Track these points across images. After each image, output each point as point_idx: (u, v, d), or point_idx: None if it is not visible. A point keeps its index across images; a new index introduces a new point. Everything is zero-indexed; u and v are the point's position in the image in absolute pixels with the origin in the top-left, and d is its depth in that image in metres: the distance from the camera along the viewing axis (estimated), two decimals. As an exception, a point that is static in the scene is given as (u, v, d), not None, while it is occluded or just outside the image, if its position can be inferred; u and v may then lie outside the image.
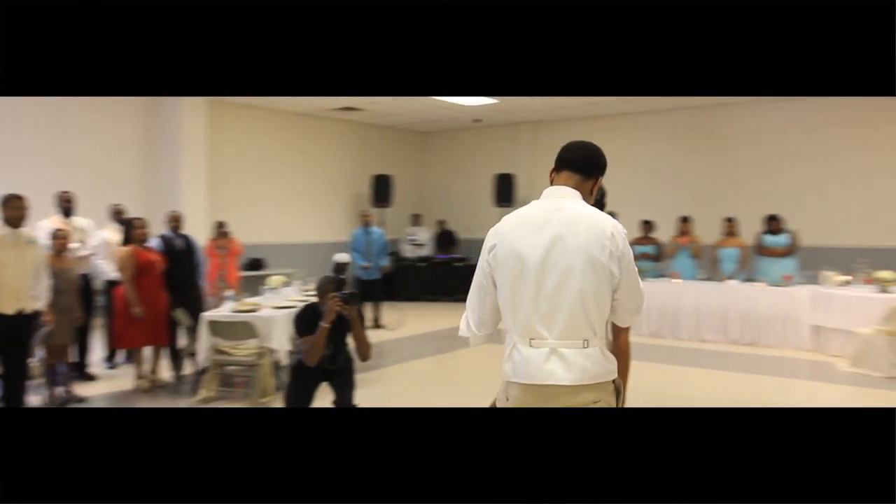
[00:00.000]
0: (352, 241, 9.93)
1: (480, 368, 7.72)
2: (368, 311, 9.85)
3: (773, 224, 9.02)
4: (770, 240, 9.01)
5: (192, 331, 6.48)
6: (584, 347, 2.23)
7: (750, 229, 9.27)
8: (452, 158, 14.35)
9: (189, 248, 6.92)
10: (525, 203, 2.39)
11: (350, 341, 4.35)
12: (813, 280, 8.44)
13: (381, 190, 12.59)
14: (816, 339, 8.13)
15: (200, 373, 6.25)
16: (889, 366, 6.90)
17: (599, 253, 2.21)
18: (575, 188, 2.38)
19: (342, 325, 4.11)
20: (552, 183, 2.45)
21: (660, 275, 9.51)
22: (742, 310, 8.57)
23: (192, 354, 6.48)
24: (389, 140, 13.98)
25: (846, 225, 10.29)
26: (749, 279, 8.98)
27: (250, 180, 11.35)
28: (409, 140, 14.43)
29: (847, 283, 8.23)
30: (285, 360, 6.19)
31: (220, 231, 8.94)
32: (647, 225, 10.22)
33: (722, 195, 11.09)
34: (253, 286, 9.62)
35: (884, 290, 7.71)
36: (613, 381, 2.31)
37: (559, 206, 2.30)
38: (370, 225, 9.95)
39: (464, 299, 2.45)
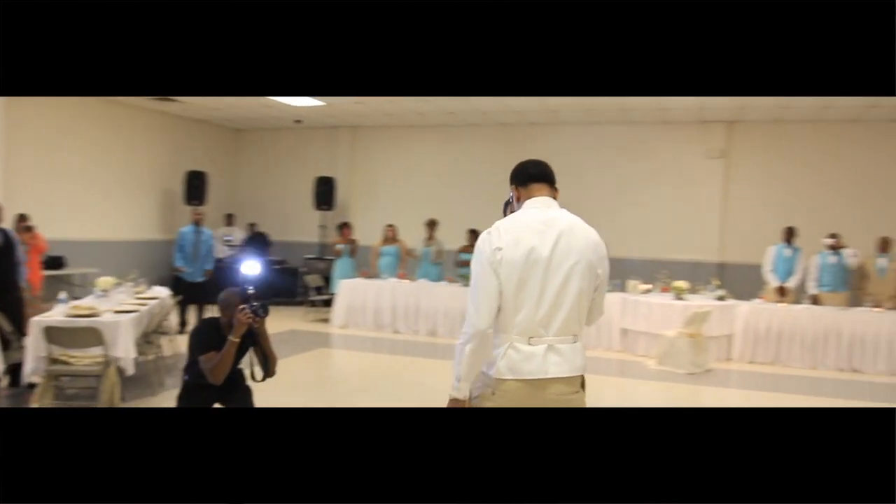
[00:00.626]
0: (178, 240, 9.33)
1: (317, 373, 7.67)
2: (192, 315, 9.33)
3: (585, 236, 9.90)
4: (582, 251, 9.87)
5: (14, 338, 5.75)
6: (574, 342, 2.48)
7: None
8: (269, 158, 13.92)
9: (7, 244, 6.13)
10: (345, 207, 2.55)
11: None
12: (620, 288, 9.41)
13: (196, 187, 11.92)
14: (625, 341, 9.07)
15: (30, 386, 5.56)
16: (690, 364, 7.91)
17: (593, 257, 2.49)
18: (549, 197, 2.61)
19: (248, 339, 3.92)
20: (518, 198, 2.64)
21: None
22: (560, 315, 9.29)
23: (16, 366, 5.75)
24: (203, 135, 13.24)
25: (646, 239, 11.52)
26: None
27: (50, 170, 10.17)
28: (222, 136, 13.77)
29: (649, 290, 9.28)
30: (131, 370, 5.72)
31: (23, 225, 8.01)
32: (473, 234, 10.74)
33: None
34: (53, 286, 8.71)
35: (679, 298, 8.81)
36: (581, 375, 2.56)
37: (554, 216, 2.53)
38: (201, 224, 9.42)
39: (282, 303, 2.54)
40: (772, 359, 8.55)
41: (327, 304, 10.69)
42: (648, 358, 8.48)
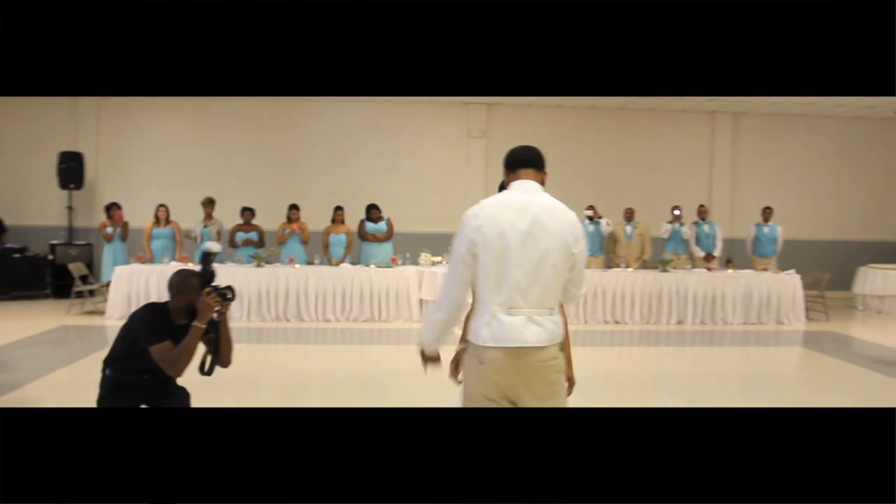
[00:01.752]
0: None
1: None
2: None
3: (374, 212, 10.20)
4: (371, 227, 10.16)
5: None
6: (551, 315, 2.75)
7: (353, 217, 10.31)
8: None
9: None
10: (94, 186, 2.84)
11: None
12: (413, 261, 9.86)
13: None
14: (426, 312, 9.54)
15: None
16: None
17: (569, 236, 2.75)
18: (534, 181, 2.87)
19: (208, 326, 3.55)
20: (507, 184, 2.90)
21: (267, 261, 9.76)
22: (359, 290, 9.49)
23: None
24: None
25: (422, 214, 12.10)
26: (354, 262, 9.98)
27: None
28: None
29: (439, 262, 9.85)
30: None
31: None
32: (249, 212, 10.39)
33: (321, 184, 11.93)
34: None
35: (468, 268, 9.50)
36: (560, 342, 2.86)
37: (534, 198, 2.77)
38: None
39: (26, 297, 2.78)
40: (551, 317, 9.63)
41: (94, 294, 9.66)
42: (449, 325, 9.03)
